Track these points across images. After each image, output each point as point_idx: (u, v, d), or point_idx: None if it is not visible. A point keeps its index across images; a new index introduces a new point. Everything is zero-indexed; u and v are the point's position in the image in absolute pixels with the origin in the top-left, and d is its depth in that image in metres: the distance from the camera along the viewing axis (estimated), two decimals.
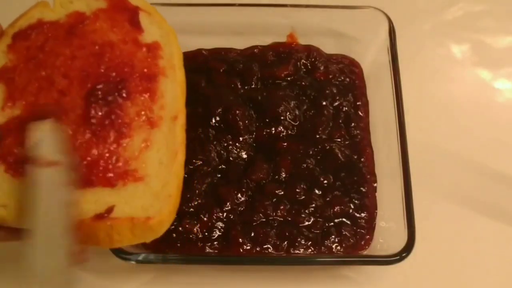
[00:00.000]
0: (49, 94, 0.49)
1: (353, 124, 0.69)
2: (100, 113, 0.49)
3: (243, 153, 0.67)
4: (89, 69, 0.50)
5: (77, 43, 0.51)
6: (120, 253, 0.56)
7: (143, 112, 0.50)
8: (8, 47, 0.50)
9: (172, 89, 0.52)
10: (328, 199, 0.64)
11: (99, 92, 0.49)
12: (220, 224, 0.62)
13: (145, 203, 0.47)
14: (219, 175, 0.65)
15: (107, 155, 0.48)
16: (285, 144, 0.67)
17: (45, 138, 0.44)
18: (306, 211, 0.63)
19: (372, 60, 0.73)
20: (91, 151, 0.47)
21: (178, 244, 0.61)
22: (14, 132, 0.47)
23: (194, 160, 0.64)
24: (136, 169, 0.48)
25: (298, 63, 0.73)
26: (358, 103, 0.71)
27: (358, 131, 0.69)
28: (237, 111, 0.67)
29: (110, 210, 0.46)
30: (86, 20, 0.52)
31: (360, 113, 0.71)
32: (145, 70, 0.52)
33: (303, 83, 0.71)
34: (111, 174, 0.47)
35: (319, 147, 0.67)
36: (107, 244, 0.47)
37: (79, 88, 0.49)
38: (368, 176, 0.66)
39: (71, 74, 0.50)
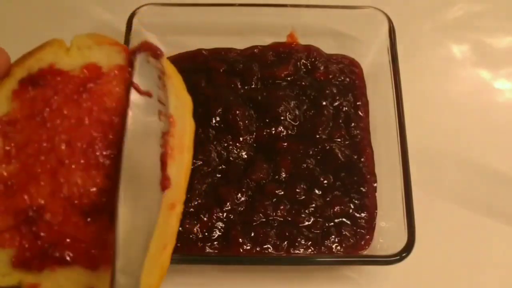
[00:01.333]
0: (47, 162, 0.44)
1: (353, 124, 0.69)
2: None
3: (243, 153, 0.67)
4: (94, 141, 0.45)
5: (86, 106, 0.46)
6: None
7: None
8: (13, 93, 0.45)
9: (176, 175, 0.46)
10: (328, 199, 0.64)
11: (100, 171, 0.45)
12: (220, 224, 0.62)
13: None
14: (219, 175, 0.65)
15: (95, 236, 0.44)
16: (285, 144, 0.67)
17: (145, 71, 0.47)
18: (306, 211, 0.63)
19: (372, 60, 0.73)
20: (79, 231, 0.44)
21: (178, 244, 0.60)
22: (1, 198, 0.43)
23: (194, 160, 0.64)
24: None
25: (298, 63, 0.73)
26: (358, 103, 0.71)
27: (358, 131, 0.69)
28: (237, 111, 0.67)
29: None
30: (100, 78, 0.47)
31: (360, 113, 0.71)
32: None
33: (303, 83, 0.71)
34: (95, 258, 0.44)
35: (319, 147, 0.67)
36: None
37: (79, 161, 0.45)
38: (368, 176, 0.66)
39: (73, 143, 0.45)
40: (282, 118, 0.68)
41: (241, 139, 0.67)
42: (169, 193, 0.46)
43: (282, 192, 0.64)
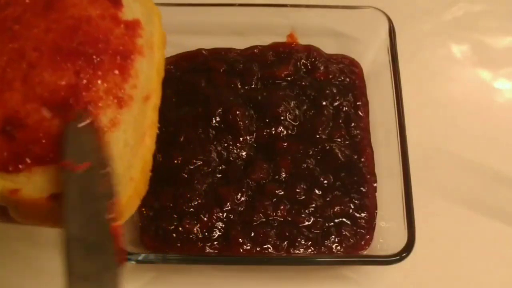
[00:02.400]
0: (18, 67, 0.47)
1: (353, 124, 0.69)
2: None
3: (243, 153, 0.66)
4: (62, 42, 0.49)
5: (53, 16, 0.50)
6: None
7: (112, 90, 0.48)
8: None
9: (148, 69, 0.51)
10: (328, 199, 0.64)
11: (68, 65, 0.48)
12: (220, 224, 0.62)
13: None
14: (219, 175, 0.65)
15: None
16: (285, 144, 0.67)
17: (77, 139, 0.45)
18: (306, 211, 0.63)
19: (372, 60, 0.73)
20: (52, 128, 0.46)
21: (178, 244, 0.61)
22: None
23: (194, 160, 0.64)
24: None
25: (298, 63, 0.73)
26: (358, 103, 0.71)
27: (358, 131, 0.69)
28: (237, 111, 0.67)
29: None
30: None
31: (360, 113, 0.71)
32: (121, 47, 0.50)
33: (303, 83, 0.71)
34: None
35: (319, 147, 0.67)
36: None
37: (49, 61, 0.48)
38: (368, 176, 0.66)
39: (43, 48, 0.48)
40: (282, 118, 0.68)
41: (241, 139, 0.67)
42: (143, 87, 0.50)
43: (282, 192, 0.64)
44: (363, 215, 0.64)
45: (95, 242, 0.42)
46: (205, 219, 0.62)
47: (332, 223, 0.63)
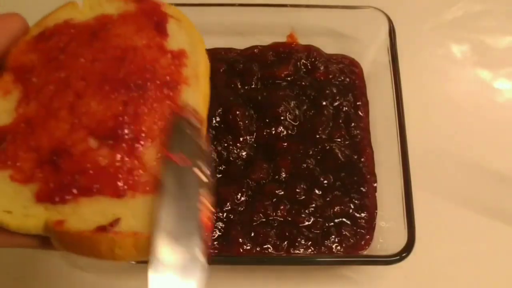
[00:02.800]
0: (64, 97, 0.47)
1: (353, 124, 0.69)
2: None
3: (243, 153, 0.67)
4: (109, 72, 0.48)
5: (99, 46, 0.49)
6: None
7: (160, 121, 0.47)
8: (31, 46, 0.49)
9: (194, 99, 0.50)
10: (328, 199, 0.64)
11: (115, 95, 0.47)
12: (220, 224, 0.62)
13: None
14: (220, 175, 0.65)
15: (118, 163, 0.45)
16: (285, 144, 0.67)
17: (184, 136, 0.46)
18: (306, 211, 0.63)
19: (372, 60, 0.73)
20: (99, 158, 0.45)
21: None
22: (23, 134, 0.45)
23: None
24: (148, 181, 0.45)
25: (298, 63, 0.73)
26: (358, 103, 0.71)
27: (358, 131, 0.69)
28: (237, 111, 0.67)
29: (115, 222, 0.43)
30: (111, 23, 0.51)
31: (360, 113, 0.71)
32: (167, 77, 0.49)
33: (303, 83, 0.71)
34: (120, 184, 0.44)
35: (319, 147, 0.67)
36: (109, 258, 0.44)
37: (96, 91, 0.47)
38: (368, 176, 0.66)
39: (89, 77, 0.48)
40: (282, 118, 0.68)
41: (241, 139, 0.67)
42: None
43: (282, 192, 0.64)
44: (363, 215, 0.64)
45: (185, 231, 0.42)
46: None
47: (332, 223, 0.63)
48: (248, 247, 0.61)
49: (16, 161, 0.44)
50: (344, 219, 0.64)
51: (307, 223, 0.63)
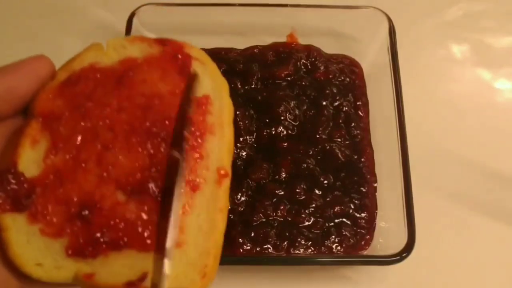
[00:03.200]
0: (92, 148, 0.46)
1: (353, 124, 0.69)
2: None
3: (243, 153, 0.67)
4: (135, 122, 0.47)
5: (124, 93, 0.48)
6: None
7: (186, 174, 0.46)
8: (58, 92, 0.47)
9: (219, 148, 0.48)
10: (328, 199, 0.64)
11: (143, 147, 0.46)
12: None
13: (179, 272, 0.44)
14: None
15: (145, 216, 0.44)
16: (285, 144, 0.67)
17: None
18: (306, 211, 0.63)
19: (372, 60, 0.73)
20: (127, 212, 0.44)
21: None
22: (52, 187, 0.44)
23: None
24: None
25: (298, 63, 0.73)
26: (358, 103, 0.71)
27: (358, 131, 0.69)
28: (237, 112, 0.67)
29: (142, 277, 0.43)
30: (136, 68, 0.49)
31: (360, 113, 0.71)
32: (192, 128, 0.48)
33: (303, 83, 0.71)
34: (148, 239, 0.44)
35: (319, 147, 0.67)
36: None
37: (124, 143, 0.46)
38: (368, 176, 0.66)
39: (116, 128, 0.47)
40: (282, 118, 0.68)
41: (241, 139, 0.67)
42: (213, 167, 0.47)
43: (282, 192, 0.64)
44: (363, 215, 0.64)
45: None
46: None
47: (332, 223, 0.63)
48: (248, 247, 0.61)
49: (46, 215, 0.44)
50: (344, 219, 0.64)
51: (307, 223, 0.63)
